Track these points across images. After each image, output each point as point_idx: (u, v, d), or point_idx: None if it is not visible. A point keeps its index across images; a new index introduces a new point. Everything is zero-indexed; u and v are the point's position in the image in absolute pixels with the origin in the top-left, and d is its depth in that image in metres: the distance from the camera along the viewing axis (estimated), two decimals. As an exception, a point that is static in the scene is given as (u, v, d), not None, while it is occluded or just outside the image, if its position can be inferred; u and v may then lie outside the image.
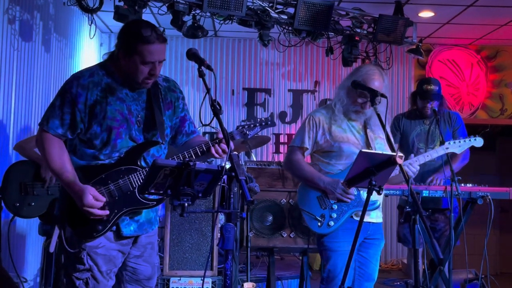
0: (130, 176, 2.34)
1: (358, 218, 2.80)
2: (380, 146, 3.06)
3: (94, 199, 2.25)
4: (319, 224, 2.94)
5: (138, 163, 2.37)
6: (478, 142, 3.44)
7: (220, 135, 2.36)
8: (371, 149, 2.96)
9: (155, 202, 2.38)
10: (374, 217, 3.03)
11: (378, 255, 3.09)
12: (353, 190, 2.92)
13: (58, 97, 2.34)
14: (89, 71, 2.38)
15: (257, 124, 2.54)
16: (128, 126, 2.37)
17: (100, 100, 2.32)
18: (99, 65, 2.41)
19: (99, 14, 5.68)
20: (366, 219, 2.85)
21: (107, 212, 2.29)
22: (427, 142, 4.12)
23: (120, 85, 2.37)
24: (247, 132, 2.51)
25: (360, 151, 2.58)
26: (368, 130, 3.04)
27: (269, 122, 2.59)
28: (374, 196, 2.79)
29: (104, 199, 2.29)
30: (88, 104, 2.31)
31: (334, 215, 2.93)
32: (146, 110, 2.43)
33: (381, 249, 3.12)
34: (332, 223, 2.92)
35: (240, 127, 2.53)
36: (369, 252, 3.03)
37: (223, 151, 2.37)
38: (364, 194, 2.86)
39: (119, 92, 2.36)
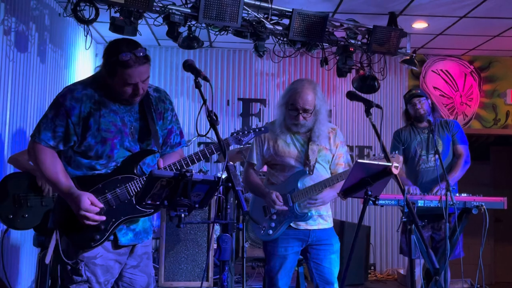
0: (127, 184, 2.35)
1: (296, 226, 3.15)
2: (324, 158, 3.24)
3: (91, 204, 2.26)
4: (262, 231, 3.22)
5: (135, 171, 2.38)
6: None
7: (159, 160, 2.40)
8: (309, 162, 3.15)
9: (152, 210, 2.39)
10: (314, 224, 3.20)
11: (331, 258, 3.20)
12: (290, 202, 3.13)
13: (51, 109, 2.36)
14: (82, 84, 2.40)
15: (251, 131, 2.57)
16: (122, 137, 2.39)
17: (94, 112, 2.34)
18: (92, 78, 2.44)
19: (94, 25, 5.69)
20: (305, 226, 3.18)
21: (104, 218, 2.29)
22: (428, 149, 4.22)
23: (112, 98, 2.39)
24: (242, 138, 2.55)
25: (356, 161, 2.60)
26: (311, 143, 3.20)
27: (263, 129, 2.65)
28: (304, 208, 3.13)
29: (101, 205, 2.29)
30: (82, 116, 2.32)
31: (273, 225, 3.19)
32: (140, 121, 2.46)
33: (336, 252, 3.23)
34: (271, 231, 3.19)
35: (235, 134, 2.57)
36: (319, 257, 3.19)
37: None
38: (297, 206, 3.15)
39: (112, 104, 2.39)
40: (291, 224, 3.17)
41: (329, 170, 3.26)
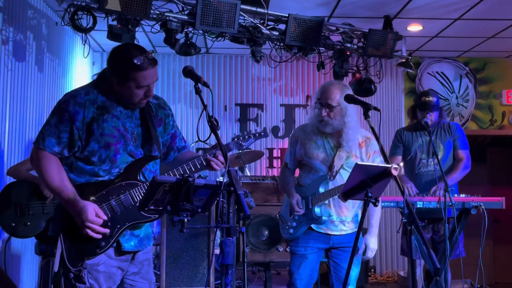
0: (131, 191, 2.36)
1: (317, 229, 3.22)
2: (352, 165, 3.14)
3: (95, 215, 2.26)
4: (285, 230, 3.36)
5: (138, 177, 2.39)
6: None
7: (216, 150, 2.42)
8: (334, 168, 3.19)
9: (157, 215, 2.39)
10: (336, 230, 3.25)
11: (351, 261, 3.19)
12: (310, 204, 3.21)
13: (54, 116, 2.34)
14: (84, 89, 2.40)
15: (251, 136, 2.59)
16: (125, 142, 2.40)
17: (97, 117, 2.34)
18: (92, 84, 2.44)
19: (91, 33, 5.71)
20: (326, 231, 3.24)
21: (108, 230, 2.30)
22: (429, 153, 4.19)
23: (114, 103, 2.40)
24: (242, 143, 2.57)
25: (356, 164, 2.61)
26: (340, 148, 3.21)
27: (263, 133, 2.67)
28: (324, 212, 3.19)
29: (105, 217, 2.30)
30: (85, 121, 2.33)
31: (294, 224, 3.29)
32: (141, 127, 2.47)
33: (358, 256, 3.26)
34: (292, 231, 3.30)
35: (236, 139, 2.59)
36: (340, 257, 3.28)
37: (222, 162, 2.44)
38: (317, 209, 3.20)
39: (114, 110, 2.40)
40: (313, 226, 3.22)
41: None
